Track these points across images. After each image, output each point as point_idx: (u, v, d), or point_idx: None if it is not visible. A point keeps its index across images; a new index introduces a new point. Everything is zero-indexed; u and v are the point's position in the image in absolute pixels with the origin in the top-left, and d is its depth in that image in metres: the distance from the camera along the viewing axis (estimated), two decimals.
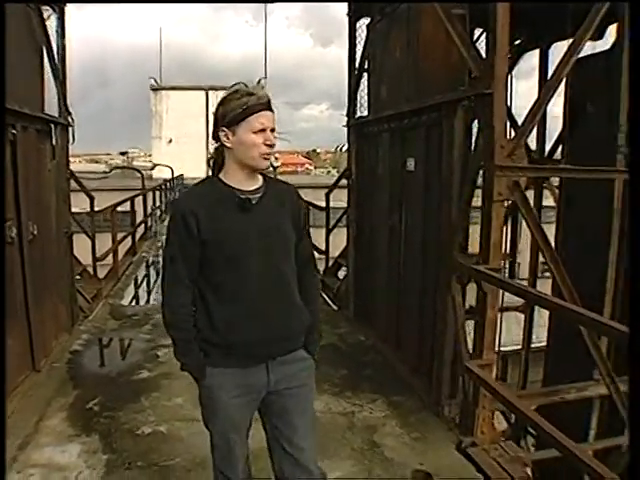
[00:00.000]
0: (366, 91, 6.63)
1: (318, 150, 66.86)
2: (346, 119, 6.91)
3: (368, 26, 6.50)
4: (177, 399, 4.76)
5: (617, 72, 5.32)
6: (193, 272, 2.26)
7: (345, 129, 7.09)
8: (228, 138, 2.22)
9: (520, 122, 4.56)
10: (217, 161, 2.32)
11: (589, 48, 6.34)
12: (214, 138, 2.30)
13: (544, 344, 6.64)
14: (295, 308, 2.38)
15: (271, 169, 25.06)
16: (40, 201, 5.64)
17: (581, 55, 4.54)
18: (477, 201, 4.24)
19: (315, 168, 53.87)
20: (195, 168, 32.66)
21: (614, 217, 4.84)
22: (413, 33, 5.18)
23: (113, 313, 7.42)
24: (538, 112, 3.92)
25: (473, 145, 4.21)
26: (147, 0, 10.56)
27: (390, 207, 5.73)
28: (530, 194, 8.09)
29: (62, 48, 6.45)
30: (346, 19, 7.17)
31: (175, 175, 24.91)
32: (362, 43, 6.72)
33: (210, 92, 34.80)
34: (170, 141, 33.85)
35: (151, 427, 4.32)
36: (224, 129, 2.22)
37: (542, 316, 7.38)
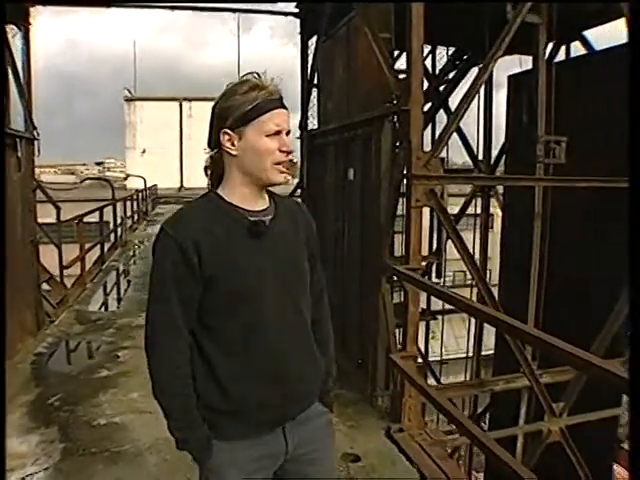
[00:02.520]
0: (316, 105, 7.07)
1: (295, 160, 67.73)
2: (299, 131, 7.34)
3: (316, 44, 6.93)
4: (132, 394, 5.10)
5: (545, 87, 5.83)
6: (191, 319, 1.74)
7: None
8: (233, 144, 1.75)
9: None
10: (215, 172, 1.85)
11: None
12: (210, 144, 1.83)
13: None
14: (313, 356, 1.93)
15: None
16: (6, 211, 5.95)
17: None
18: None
19: (293, 178, 54.37)
20: (168, 179, 32.99)
21: (535, 221, 5.29)
22: (352, 53, 5.62)
23: (78, 318, 7.71)
24: (453, 125, 4.34)
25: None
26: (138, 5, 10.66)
27: (335, 214, 6.15)
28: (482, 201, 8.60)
29: (27, 66, 6.79)
30: (299, 37, 7.62)
31: (148, 185, 25.11)
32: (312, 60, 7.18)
33: (184, 103, 35.11)
34: (144, 151, 34.03)
35: (106, 419, 4.66)
36: (228, 132, 1.74)
37: None
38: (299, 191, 7.74)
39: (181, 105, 34.78)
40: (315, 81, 7.07)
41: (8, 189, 6.06)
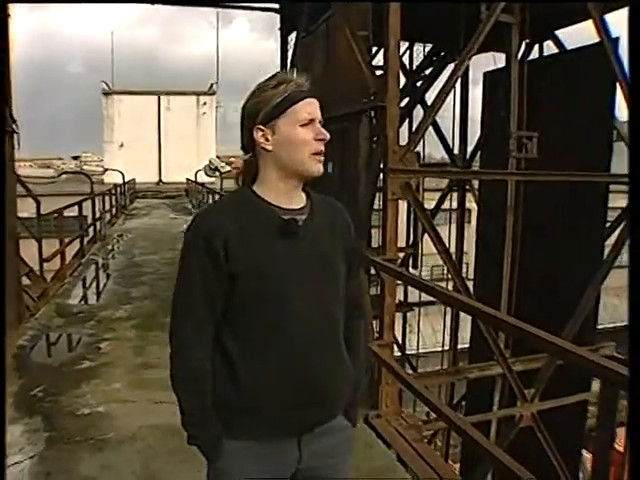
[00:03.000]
0: None
1: None
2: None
3: (296, 40, 7.03)
4: (115, 384, 5.18)
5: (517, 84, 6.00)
6: (216, 314, 1.70)
7: None
8: (267, 139, 1.70)
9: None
10: (249, 172, 1.78)
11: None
12: (244, 146, 1.77)
13: None
14: (343, 364, 1.83)
15: (217, 174, 25.46)
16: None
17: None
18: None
19: None
20: (147, 173, 32.84)
21: (507, 214, 5.47)
22: (331, 49, 5.73)
23: (59, 311, 7.74)
24: (428, 120, 4.49)
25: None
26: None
27: None
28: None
29: (7, 58, 6.79)
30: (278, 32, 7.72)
31: (126, 180, 25.01)
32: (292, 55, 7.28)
33: (162, 96, 34.97)
34: (121, 145, 33.85)
35: (90, 408, 4.73)
36: (260, 127, 1.70)
37: None
38: None
39: (159, 99, 34.66)
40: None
41: None
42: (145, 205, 25.04)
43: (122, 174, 24.43)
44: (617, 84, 5.67)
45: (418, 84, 8.47)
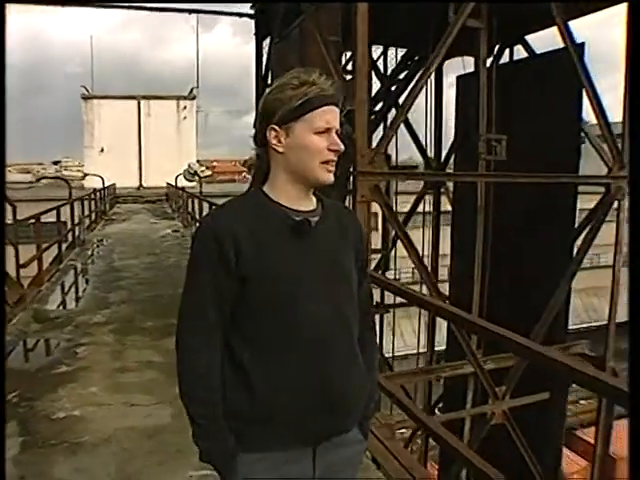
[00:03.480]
0: None
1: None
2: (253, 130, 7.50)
3: (270, 45, 7.11)
4: (92, 388, 5.20)
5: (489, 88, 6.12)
6: (225, 319, 1.64)
7: None
8: (280, 140, 1.65)
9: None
10: (260, 170, 1.74)
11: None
12: (256, 141, 1.73)
13: None
14: (359, 369, 1.77)
15: (196, 178, 25.47)
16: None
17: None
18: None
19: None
20: (127, 178, 32.73)
21: (478, 216, 5.58)
22: (302, 54, 5.81)
23: (36, 317, 7.73)
24: (396, 123, 4.58)
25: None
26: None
27: None
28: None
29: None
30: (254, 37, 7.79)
31: (106, 185, 24.92)
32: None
33: (142, 101, 34.87)
34: (102, 150, 33.71)
35: (66, 412, 4.74)
36: (275, 128, 1.64)
37: None
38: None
39: (139, 104, 34.56)
40: (269, 80, 7.25)
41: None
42: (125, 210, 24.95)
43: (102, 179, 24.33)
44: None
45: (393, 88, 8.58)
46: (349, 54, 7.26)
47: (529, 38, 7.75)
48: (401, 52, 9.29)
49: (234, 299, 1.62)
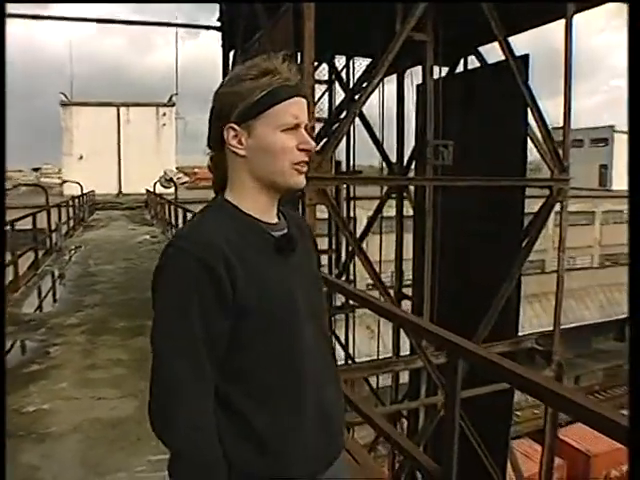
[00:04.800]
0: None
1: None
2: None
3: (234, 57, 7.44)
4: (62, 384, 5.46)
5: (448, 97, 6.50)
6: (215, 362, 1.35)
7: None
8: (240, 142, 1.40)
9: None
10: (217, 177, 1.50)
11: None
12: (210, 142, 1.47)
13: None
14: (340, 391, 1.64)
15: (171, 184, 25.67)
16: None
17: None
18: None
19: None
20: (107, 185, 32.83)
21: (427, 218, 5.93)
22: None
23: (11, 319, 7.95)
24: (343, 130, 4.91)
25: None
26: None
27: None
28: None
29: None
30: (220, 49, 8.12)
31: (85, 192, 25.05)
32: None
33: (122, 108, 35.00)
34: (81, 157, 33.77)
35: (35, 406, 5.00)
36: (233, 127, 1.40)
37: None
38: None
39: (118, 110, 34.68)
40: None
41: None
42: (104, 217, 25.07)
43: (80, 186, 24.46)
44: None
45: (356, 97, 8.92)
46: (316, 64, 7.61)
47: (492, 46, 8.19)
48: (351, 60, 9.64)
49: (225, 340, 1.36)
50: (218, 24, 8.19)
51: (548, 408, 6.73)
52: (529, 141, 6.82)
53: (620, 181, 46.80)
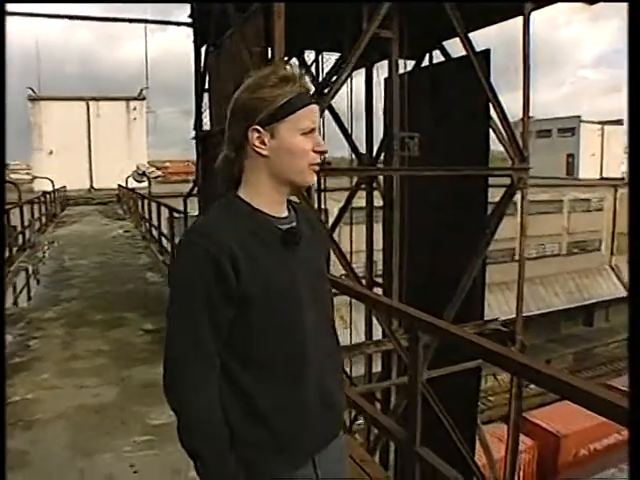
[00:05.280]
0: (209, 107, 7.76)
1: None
2: (193, 132, 8.01)
3: (206, 52, 7.60)
4: (44, 375, 5.61)
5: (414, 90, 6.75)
6: (221, 346, 1.52)
7: None
8: (264, 142, 1.54)
9: None
10: (231, 175, 1.62)
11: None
12: (232, 143, 1.59)
13: None
14: (341, 376, 1.81)
15: (144, 179, 25.66)
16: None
17: None
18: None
19: None
20: (77, 180, 32.56)
21: (394, 208, 6.20)
22: (233, 62, 6.33)
23: None
24: None
25: None
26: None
27: None
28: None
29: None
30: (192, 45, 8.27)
31: (57, 187, 24.87)
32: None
33: (91, 102, 34.67)
34: (51, 153, 33.40)
35: (20, 396, 5.14)
36: (258, 129, 1.53)
37: None
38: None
39: (88, 105, 34.34)
40: (206, 85, 7.74)
41: None
42: (77, 212, 24.94)
43: (51, 182, 24.28)
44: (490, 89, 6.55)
45: (325, 91, 9.13)
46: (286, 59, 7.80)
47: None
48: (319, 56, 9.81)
49: (230, 323, 1.51)
50: (189, 20, 8.35)
51: (513, 388, 7.10)
52: (492, 132, 7.13)
53: (586, 170, 47.72)
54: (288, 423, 1.55)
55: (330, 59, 9.68)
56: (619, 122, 52.38)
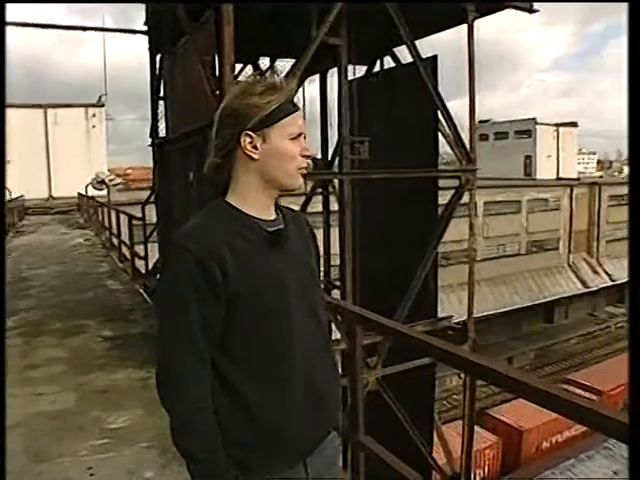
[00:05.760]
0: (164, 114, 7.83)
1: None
2: (150, 139, 8.07)
3: (161, 60, 7.67)
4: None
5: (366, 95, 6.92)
6: (212, 345, 1.56)
7: None
8: (255, 147, 1.60)
9: None
10: (221, 181, 1.68)
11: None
12: (221, 148, 1.63)
13: None
14: (336, 377, 1.81)
15: (104, 186, 25.42)
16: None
17: None
18: None
19: None
20: (36, 189, 32.03)
21: (345, 211, 6.37)
22: (187, 70, 6.43)
23: None
24: None
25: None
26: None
27: (181, 215, 6.95)
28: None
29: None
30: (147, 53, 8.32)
31: (14, 197, 24.47)
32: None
33: (49, 110, 34.16)
34: (8, 162, 32.78)
35: None
36: (250, 134, 1.59)
37: None
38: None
39: (45, 112, 33.83)
40: (161, 92, 7.81)
41: None
42: (35, 222, 24.59)
43: (9, 191, 23.89)
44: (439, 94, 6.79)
45: None
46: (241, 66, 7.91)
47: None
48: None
49: (220, 322, 1.55)
50: (145, 28, 8.40)
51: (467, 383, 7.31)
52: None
53: (543, 171, 48.75)
54: (277, 423, 1.58)
55: (286, 65, 9.84)
56: (574, 124, 53.75)
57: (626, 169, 78.93)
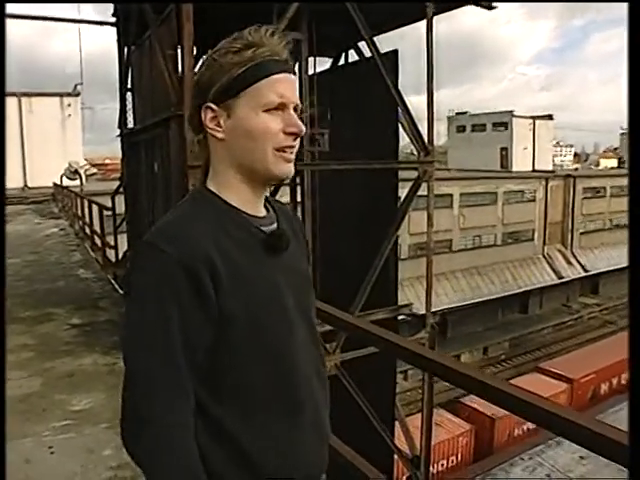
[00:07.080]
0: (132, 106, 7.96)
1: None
2: (118, 130, 8.19)
3: (128, 52, 7.79)
4: None
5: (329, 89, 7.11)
6: (194, 375, 1.20)
7: None
8: (219, 123, 1.26)
9: None
10: (202, 162, 1.35)
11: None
12: (192, 125, 1.32)
13: None
14: (327, 392, 1.46)
15: (77, 176, 25.31)
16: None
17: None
18: None
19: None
20: (10, 179, 31.74)
21: (305, 203, 6.59)
22: (152, 63, 6.57)
23: None
24: None
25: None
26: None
27: (148, 206, 7.11)
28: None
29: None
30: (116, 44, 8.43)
31: None
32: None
33: (23, 99, 33.80)
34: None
35: None
36: (211, 107, 1.25)
37: None
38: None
39: (20, 101, 33.46)
40: (129, 84, 7.93)
41: None
42: (10, 212, 24.41)
43: None
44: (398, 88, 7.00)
45: None
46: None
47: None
48: None
49: (206, 348, 1.21)
50: (113, 19, 8.50)
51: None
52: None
53: (519, 163, 49.28)
54: (279, 463, 1.27)
55: None
56: (549, 117, 54.35)
57: (602, 162, 79.95)
